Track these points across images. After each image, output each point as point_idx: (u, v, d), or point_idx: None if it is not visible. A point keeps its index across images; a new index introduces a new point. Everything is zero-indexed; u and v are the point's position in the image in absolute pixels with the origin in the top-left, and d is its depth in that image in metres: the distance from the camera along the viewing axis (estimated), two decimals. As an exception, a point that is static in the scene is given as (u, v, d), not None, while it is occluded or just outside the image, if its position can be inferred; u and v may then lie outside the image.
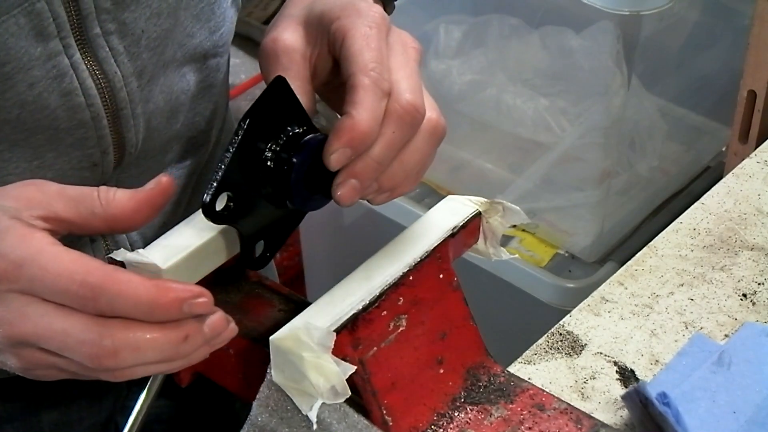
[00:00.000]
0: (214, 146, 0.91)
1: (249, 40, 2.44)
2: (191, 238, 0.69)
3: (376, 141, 0.66)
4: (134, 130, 0.77)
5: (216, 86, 0.85)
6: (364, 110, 0.65)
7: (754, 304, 0.91)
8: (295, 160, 0.67)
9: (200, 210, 0.71)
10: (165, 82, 0.79)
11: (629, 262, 0.95)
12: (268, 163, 0.67)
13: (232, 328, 0.63)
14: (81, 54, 0.72)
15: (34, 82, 0.70)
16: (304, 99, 0.69)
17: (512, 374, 0.75)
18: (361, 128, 0.65)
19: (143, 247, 0.69)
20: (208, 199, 0.65)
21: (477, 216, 0.75)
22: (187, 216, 0.71)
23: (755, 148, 1.12)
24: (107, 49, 0.73)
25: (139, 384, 0.75)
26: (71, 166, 0.76)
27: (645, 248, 0.96)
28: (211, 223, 0.67)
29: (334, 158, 0.65)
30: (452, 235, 0.73)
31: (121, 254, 0.68)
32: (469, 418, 0.72)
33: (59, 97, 0.72)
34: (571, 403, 0.73)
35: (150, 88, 0.77)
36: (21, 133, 0.73)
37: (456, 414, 0.72)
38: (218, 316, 0.62)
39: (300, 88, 0.69)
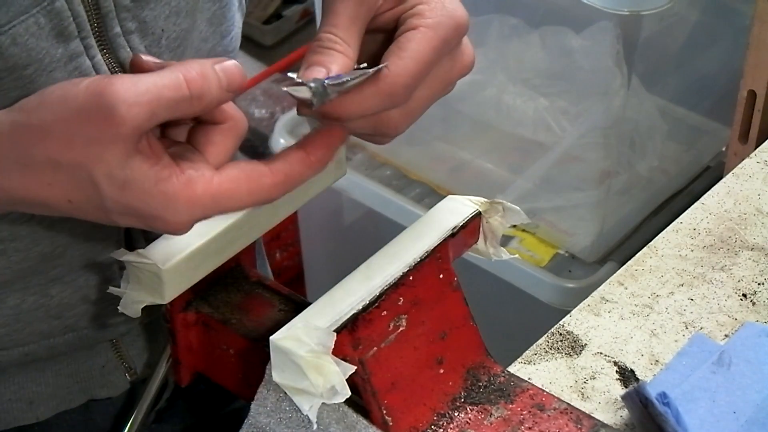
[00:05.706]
0: None
1: (249, 40, 2.43)
2: (191, 238, 0.69)
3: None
4: None
5: None
6: (360, 108, 0.66)
7: (754, 304, 0.91)
8: None
9: None
10: None
11: (629, 262, 0.95)
12: None
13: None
14: (102, 55, 0.72)
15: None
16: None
17: (512, 374, 0.75)
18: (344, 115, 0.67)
19: None
20: None
21: (477, 216, 0.75)
22: None
23: (755, 148, 1.12)
24: (128, 49, 0.73)
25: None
26: None
27: (645, 248, 0.96)
28: (211, 223, 0.67)
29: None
30: (452, 235, 0.73)
31: (120, 254, 0.68)
32: (469, 418, 0.72)
33: None
34: (571, 403, 0.73)
35: None
36: None
37: (456, 414, 0.72)
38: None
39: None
